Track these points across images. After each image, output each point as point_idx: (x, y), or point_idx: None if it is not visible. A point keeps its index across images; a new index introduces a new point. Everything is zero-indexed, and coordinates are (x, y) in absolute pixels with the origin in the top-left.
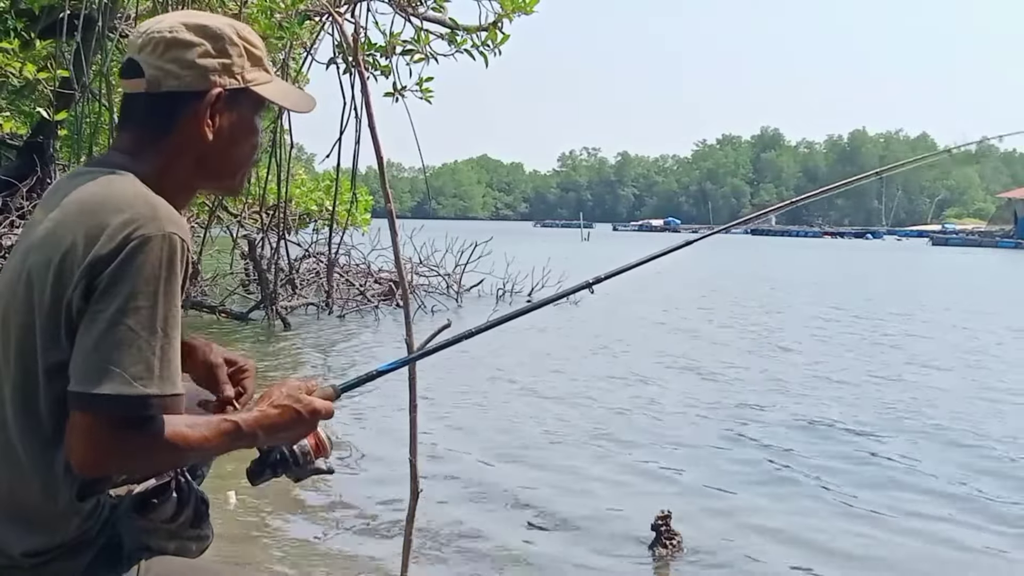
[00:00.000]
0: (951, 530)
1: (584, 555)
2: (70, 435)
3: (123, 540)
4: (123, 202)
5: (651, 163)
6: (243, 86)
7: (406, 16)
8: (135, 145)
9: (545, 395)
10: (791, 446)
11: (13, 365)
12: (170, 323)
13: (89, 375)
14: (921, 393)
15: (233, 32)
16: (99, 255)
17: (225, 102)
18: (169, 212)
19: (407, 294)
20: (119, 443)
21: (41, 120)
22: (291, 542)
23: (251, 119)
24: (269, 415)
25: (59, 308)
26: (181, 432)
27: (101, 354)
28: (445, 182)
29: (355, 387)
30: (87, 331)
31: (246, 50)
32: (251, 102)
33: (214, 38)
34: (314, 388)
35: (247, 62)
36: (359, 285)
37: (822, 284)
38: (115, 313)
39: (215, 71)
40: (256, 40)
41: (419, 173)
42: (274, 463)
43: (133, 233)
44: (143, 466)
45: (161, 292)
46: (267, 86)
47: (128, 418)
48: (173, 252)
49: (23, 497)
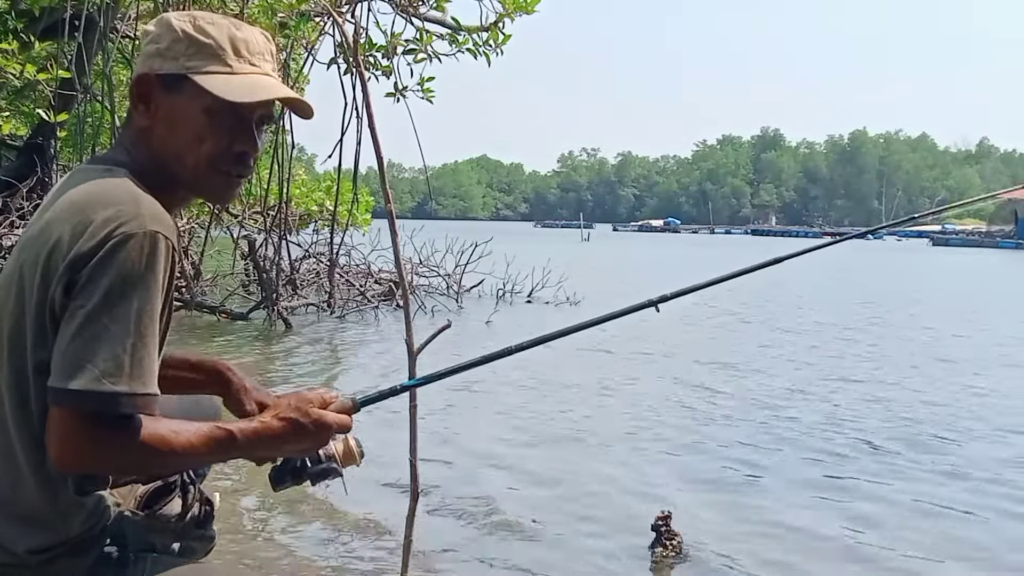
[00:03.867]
0: (952, 531)
1: (584, 555)
2: (47, 430)
3: (128, 539)
4: (110, 199)
5: (651, 163)
6: (178, 73)
7: (407, 17)
8: (121, 139)
9: (545, 396)
10: (792, 446)
11: (6, 363)
12: (145, 322)
13: (64, 370)
14: (926, 396)
15: (187, 22)
16: (80, 251)
17: (161, 88)
18: (154, 210)
19: (407, 294)
20: (91, 440)
21: (41, 121)
22: (291, 543)
23: (193, 109)
24: (271, 427)
25: (44, 305)
26: (161, 435)
27: (75, 349)
28: (445, 182)
29: (376, 401)
30: (66, 326)
31: (188, 37)
32: (195, 92)
33: (161, 27)
34: (331, 400)
35: (188, 49)
36: (359, 285)
37: (826, 284)
38: (92, 309)
39: (150, 55)
40: (214, 32)
41: (419, 173)
42: (293, 471)
43: (115, 230)
44: (121, 465)
45: (138, 290)
46: (212, 76)
47: (100, 414)
48: (155, 250)
49: (24, 495)
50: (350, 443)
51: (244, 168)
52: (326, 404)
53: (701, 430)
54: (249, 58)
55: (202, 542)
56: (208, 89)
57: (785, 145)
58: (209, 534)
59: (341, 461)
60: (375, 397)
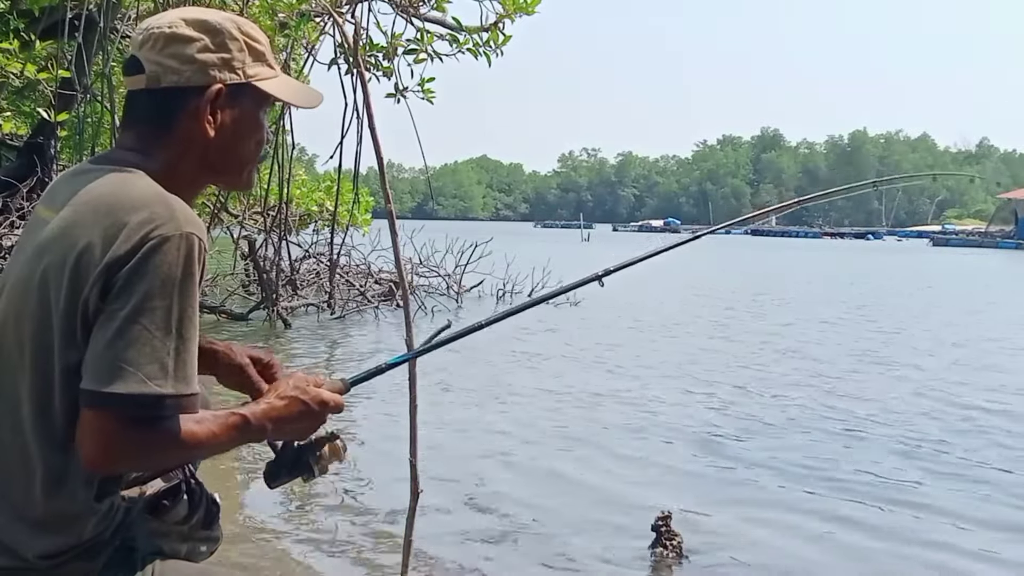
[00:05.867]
0: (955, 532)
1: (584, 555)
2: (81, 432)
3: (137, 542)
4: (140, 201)
5: (651, 164)
6: (244, 81)
7: (407, 17)
8: (140, 142)
9: (546, 396)
10: (793, 447)
11: (29, 367)
12: (185, 323)
13: (102, 373)
14: (928, 396)
15: (234, 27)
16: (116, 255)
17: (226, 98)
18: (187, 212)
19: (407, 295)
20: (130, 441)
21: (41, 121)
22: (291, 544)
23: (254, 115)
24: (276, 407)
25: (75, 308)
26: (190, 429)
27: (115, 352)
28: (445, 183)
29: (364, 380)
30: (102, 330)
31: (247, 45)
32: (254, 98)
33: (214, 33)
34: (322, 383)
35: (248, 57)
36: (359, 286)
37: (827, 283)
38: (130, 312)
39: (215, 66)
40: (258, 35)
41: (419, 174)
42: (288, 465)
43: (151, 233)
44: (153, 464)
45: (177, 292)
46: (270, 82)
47: (140, 417)
48: (191, 252)
49: (38, 499)
50: (335, 441)
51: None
52: (319, 384)
53: (701, 430)
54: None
55: (208, 543)
56: (277, 96)
57: (785, 145)
58: (215, 535)
59: (328, 458)
60: (363, 376)
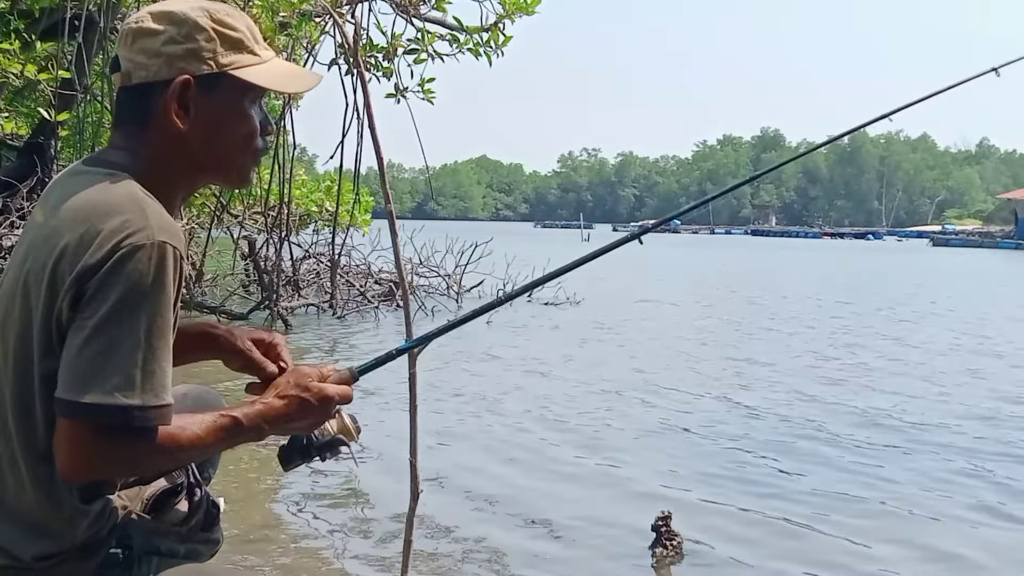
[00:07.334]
0: (956, 532)
1: (584, 555)
2: (56, 441)
3: (134, 542)
4: (115, 207)
5: (651, 164)
6: (217, 71)
7: (407, 17)
8: (126, 140)
9: (547, 396)
10: (794, 447)
11: (11, 373)
12: (155, 334)
13: (73, 383)
14: (930, 395)
15: (203, 16)
16: (88, 263)
17: (198, 89)
18: (161, 219)
19: (407, 295)
20: (104, 451)
21: (42, 120)
22: (291, 544)
23: (236, 106)
24: (274, 407)
25: (51, 316)
26: (170, 435)
27: (84, 362)
28: (445, 183)
29: (373, 369)
30: (73, 339)
31: (219, 33)
32: (233, 88)
33: (179, 24)
34: (329, 373)
35: (221, 46)
36: (359, 286)
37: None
38: (99, 322)
39: (180, 58)
40: (235, 23)
41: (419, 174)
42: (301, 448)
43: (123, 241)
44: (132, 473)
45: (148, 302)
46: (251, 69)
47: (112, 427)
48: (163, 261)
49: (29, 504)
50: (346, 420)
51: (265, 145)
52: (324, 377)
53: (702, 430)
54: (262, 43)
55: (208, 545)
56: (254, 83)
57: (785, 145)
58: (215, 537)
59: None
60: (371, 365)
